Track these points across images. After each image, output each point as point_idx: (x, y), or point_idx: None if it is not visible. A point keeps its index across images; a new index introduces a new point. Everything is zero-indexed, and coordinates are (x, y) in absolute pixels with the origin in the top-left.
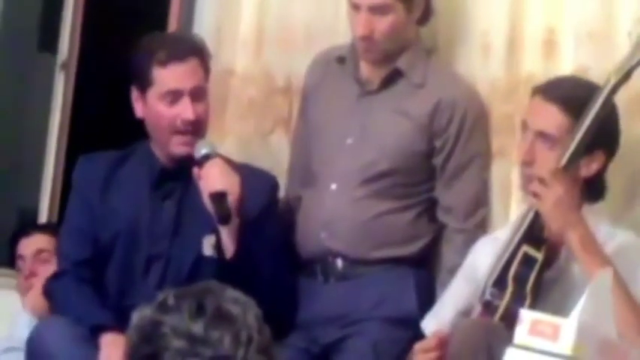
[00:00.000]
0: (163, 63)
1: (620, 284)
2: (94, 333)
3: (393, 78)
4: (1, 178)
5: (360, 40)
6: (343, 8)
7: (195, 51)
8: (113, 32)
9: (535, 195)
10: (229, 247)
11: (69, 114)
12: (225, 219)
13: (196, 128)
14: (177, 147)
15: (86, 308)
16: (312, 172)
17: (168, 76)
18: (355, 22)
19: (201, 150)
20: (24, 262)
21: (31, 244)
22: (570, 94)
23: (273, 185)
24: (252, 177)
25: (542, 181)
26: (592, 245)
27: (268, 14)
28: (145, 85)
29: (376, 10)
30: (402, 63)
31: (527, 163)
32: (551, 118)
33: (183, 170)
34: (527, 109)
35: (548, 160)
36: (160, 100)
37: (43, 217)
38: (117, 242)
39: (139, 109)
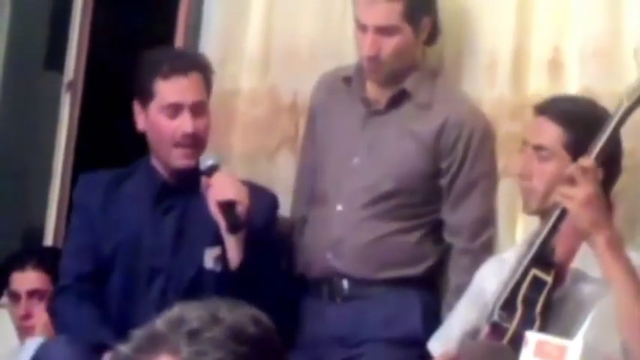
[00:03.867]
0: (166, 76)
1: None
2: (96, 351)
3: (399, 98)
4: (8, 197)
5: (366, 60)
6: (349, 28)
7: (197, 66)
8: (119, 52)
9: (563, 195)
10: (234, 258)
11: (75, 133)
12: (235, 227)
13: (196, 142)
14: (178, 160)
15: (88, 327)
16: (319, 193)
17: (169, 89)
18: (362, 43)
19: (208, 161)
20: (18, 299)
21: (26, 283)
22: (566, 109)
23: (274, 202)
24: (254, 193)
25: (571, 179)
26: (618, 249)
27: (274, 33)
28: (146, 97)
29: (383, 31)
30: (408, 84)
31: (524, 176)
32: (547, 131)
33: (184, 185)
34: (527, 128)
35: (545, 172)
36: (160, 112)
37: (49, 237)
38: (118, 255)
39: (140, 123)
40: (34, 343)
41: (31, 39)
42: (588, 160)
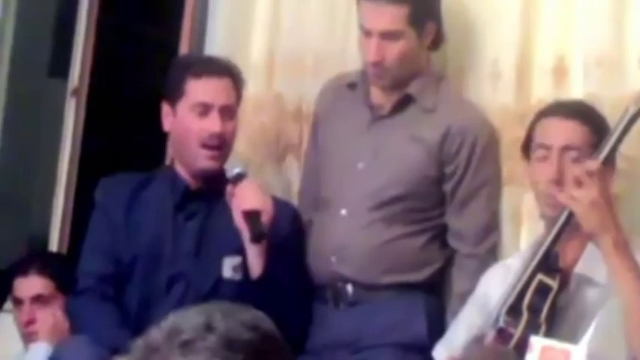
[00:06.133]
0: (198, 75)
1: None
2: (112, 355)
3: (403, 103)
4: (12, 205)
5: (371, 65)
6: (353, 34)
7: (230, 71)
8: (124, 59)
9: (570, 197)
10: (256, 268)
11: (80, 140)
12: (258, 237)
13: (222, 144)
14: (204, 161)
15: (106, 330)
16: (323, 198)
17: (201, 88)
18: (366, 48)
19: (235, 169)
20: (22, 305)
21: (29, 288)
22: (584, 110)
23: (296, 214)
24: (276, 205)
25: (577, 181)
26: (625, 250)
27: (278, 40)
28: (176, 97)
29: (387, 36)
30: (412, 89)
31: (558, 181)
32: (575, 131)
33: (207, 191)
34: (538, 132)
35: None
36: (189, 111)
37: (53, 244)
38: (139, 261)
39: (167, 124)
40: (37, 348)
41: (35, 46)
42: (595, 163)
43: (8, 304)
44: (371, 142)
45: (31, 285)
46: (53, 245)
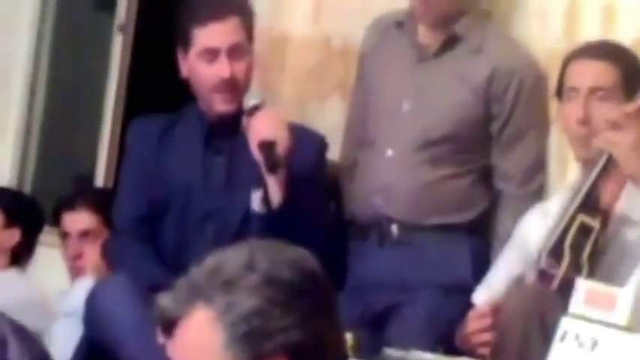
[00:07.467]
0: (202, 23)
1: None
2: (152, 291)
3: (450, 42)
4: (58, 142)
5: (418, 2)
6: None
7: (235, 10)
8: None
9: (609, 141)
10: (276, 197)
11: (126, 77)
12: (273, 166)
13: (234, 86)
14: (220, 105)
15: (144, 267)
16: (368, 137)
17: (205, 35)
18: None
19: (251, 101)
20: (69, 240)
21: (76, 223)
22: (614, 49)
23: (322, 144)
24: (302, 134)
25: (615, 125)
26: None
27: None
28: (186, 44)
29: None
30: (460, 27)
31: (584, 121)
32: (602, 72)
33: (231, 126)
34: (568, 76)
35: (605, 114)
36: (198, 59)
37: (99, 180)
38: (172, 200)
39: (183, 69)
40: (83, 282)
41: None
42: (634, 105)
43: (56, 239)
44: (417, 82)
45: (78, 219)
46: (99, 181)
